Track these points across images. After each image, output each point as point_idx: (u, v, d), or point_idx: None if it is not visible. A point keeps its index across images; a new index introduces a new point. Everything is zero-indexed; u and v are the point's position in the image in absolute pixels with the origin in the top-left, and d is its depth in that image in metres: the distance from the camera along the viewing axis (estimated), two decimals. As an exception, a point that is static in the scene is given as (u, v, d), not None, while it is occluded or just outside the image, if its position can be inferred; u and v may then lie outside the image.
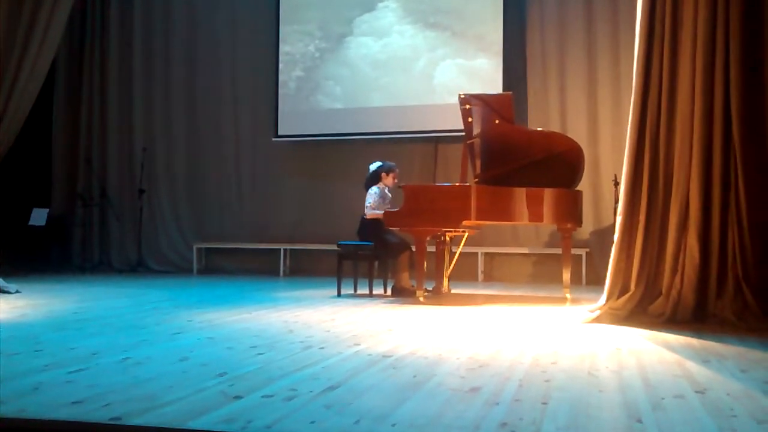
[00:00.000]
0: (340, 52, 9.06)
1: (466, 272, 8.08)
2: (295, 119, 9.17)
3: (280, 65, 9.22)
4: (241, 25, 9.54)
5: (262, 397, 2.54)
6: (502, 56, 8.32)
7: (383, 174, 6.56)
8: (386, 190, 6.58)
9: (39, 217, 9.31)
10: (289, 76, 9.21)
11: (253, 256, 9.28)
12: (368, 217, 6.40)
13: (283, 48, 9.22)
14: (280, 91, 9.20)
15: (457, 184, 6.31)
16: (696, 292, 4.50)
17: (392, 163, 6.68)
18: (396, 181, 6.63)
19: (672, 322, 4.45)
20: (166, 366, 3.08)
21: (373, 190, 6.48)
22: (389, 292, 6.49)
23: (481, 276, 8.30)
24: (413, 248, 6.16)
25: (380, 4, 8.91)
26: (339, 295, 6.32)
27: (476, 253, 8.24)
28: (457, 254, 6.82)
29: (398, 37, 8.84)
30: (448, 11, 8.63)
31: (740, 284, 4.46)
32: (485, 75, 8.37)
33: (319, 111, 9.11)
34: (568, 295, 5.91)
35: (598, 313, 4.64)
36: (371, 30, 8.93)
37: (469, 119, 6.27)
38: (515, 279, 8.27)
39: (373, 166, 6.63)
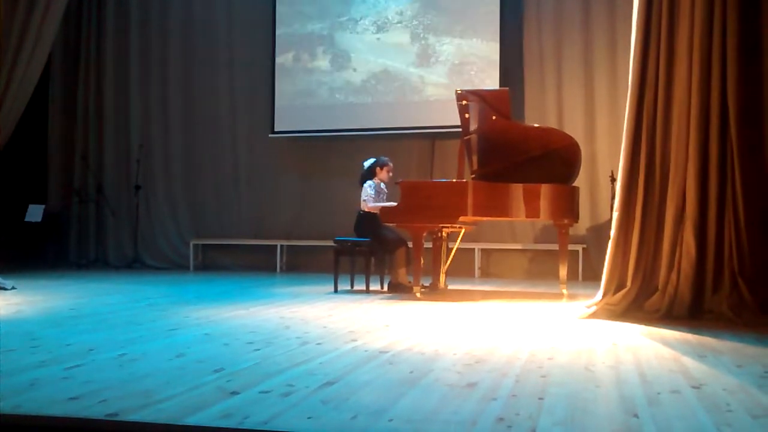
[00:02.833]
0: (337, 36, 9.02)
1: (462, 268, 8.09)
2: (291, 115, 9.15)
3: (277, 49, 9.18)
4: (237, 15, 9.50)
5: (259, 392, 2.53)
6: (498, 46, 8.31)
7: (378, 169, 6.56)
8: (381, 185, 6.58)
9: (35, 213, 9.29)
10: (285, 59, 9.17)
11: (249, 252, 9.27)
12: (367, 210, 6.38)
13: (279, 31, 9.17)
14: (277, 74, 9.16)
15: (454, 180, 6.31)
16: (692, 288, 4.51)
17: (385, 158, 6.68)
18: (390, 174, 6.64)
19: (668, 317, 4.46)
20: (163, 362, 3.08)
21: (368, 184, 6.48)
22: (386, 288, 6.49)
23: (477, 272, 8.31)
24: (410, 244, 6.17)
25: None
26: (336, 291, 6.31)
27: (473, 249, 8.24)
28: (453, 250, 6.82)
29: (396, 15, 8.80)
30: (447, -1, 8.63)
31: (736, 279, 4.47)
32: (482, 64, 8.37)
33: (315, 106, 9.09)
34: (564, 291, 5.92)
35: (594, 308, 4.65)
36: (369, 14, 8.91)
37: (466, 115, 6.26)
38: (512, 275, 8.28)
39: (366, 163, 6.64)
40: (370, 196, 6.41)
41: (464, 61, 8.49)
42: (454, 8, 8.57)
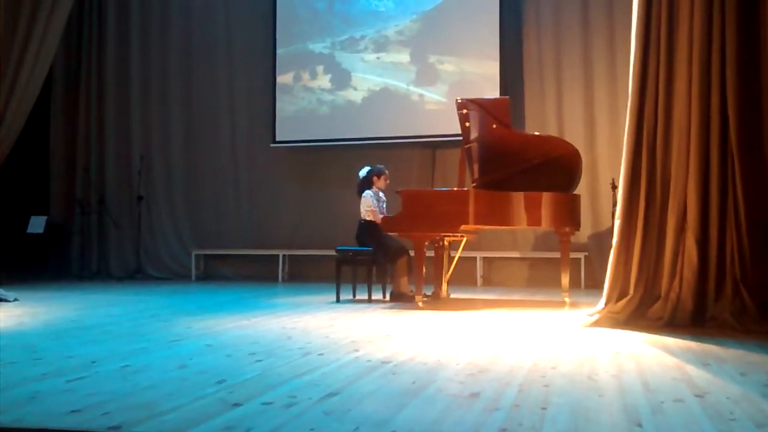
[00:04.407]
0: (337, 56, 9.06)
1: (464, 277, 8.08)
2: (292, 125, 9.17)
3: (278, 68, 9.22)
4: (237, 29, 9.55)
5: (262, 404, 2.53)
6: (499, 61, 8.32)
7: (374, 178, 6.56)
8: (380, 194, 6.58)
9: (37, 224, 9.31)
10: (286, 77, 9.21)
11: (251, 262, 9.27)
12: (375, 220, 6.34)
13: (280, 50, 9.21)
14: (278, 93, 9.20)
15: (455, 188, 6.31)
16: (694, 296, 4.50)
17: (381, 166, 6.69)
18: (387, 182, 6.64)
19: (671, 325, 4.45)
20: (165, 374, 3.08)
21: (368, 193, 6.48)
22: (388, 297, 6.48)
23: (479, 280, 8.30)
24: (412, 253, 6.16)
25: (377, 2, 8.92)
26: (338, 300, 6.31)
27: (475, 258, 8.23)
28: (455, 259, 6.82)
29: (395, 35, 8.84)
30: (446, 16, 8.64)
31: (738, 287, 4.46)
32: (482, 79, 8.37)
33: (316, 116, 9.12)
34: (567, 299, 5.91)
35: (597, 317, 4.64)
36: (369, 33, 8.94)
37: (467, 124, 6.28)
38: (514, 283, 8.27)
39: (362, 172, 6.65)
40: (374, 207, 6.40)
41: (464, 79, 8.46)
42: (454, 27, 8.57)
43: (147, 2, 9.87)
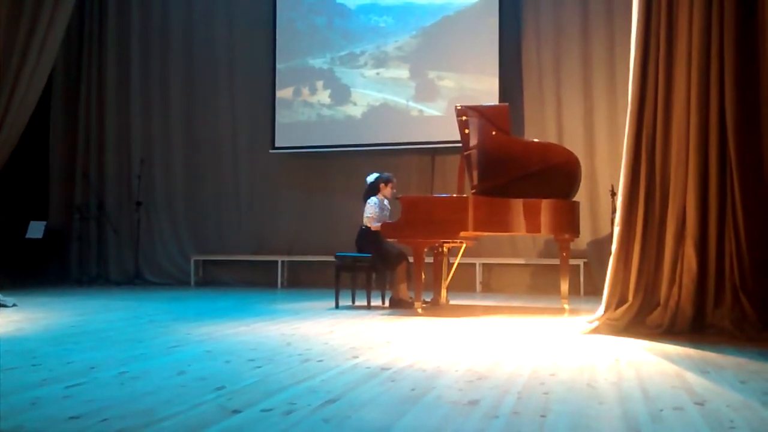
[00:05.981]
0: (337, 71, 9.08)
1: (464, 283, 8.09)
2: (292, 131, 9.19)
3: (277, 83, 9.24)
4: (238, 37, 9.58)
5: (261, 411, 2.53)
6: (498, 69, 8.34)
7: (382, 185, 6.57)
8: (385, 201, 6.58)
9: (36, 230, 9.31)
10: (286, 92, 9.23)
11: (251, 268, 9.27)
12: (372, 228, 6.36)
13: (280, 64, 9.24)
14: (278, 107, 9.22)
15: (455, 195, 6.32)
16: (694, 303, 4.50)
17: (389, 174, 6.69)
18: (394, 191, 6.65)
19: (670, 332, 4.45)
20: (164, 380, 3.08)
21: (372, 200, 6.48)
22: (387, 303, 6.48)
23: (479, 287, 8.30)
24: (411, 259, 6.16)
25: (377, 18, 8.95)
26: (337, 307, 6.31)
27: (474, 264, 8.24)
28: (455, 265, 6.82)
29: (395, 50, 8.87)
30: (445, 32, 8.66)
31: (738, 294, 4.46)
32: (482, 95, 8.35)
33: (316, 123, 9.13)
34: (566, 306, 5.91)
35: (596, 324, 4.64)
36: (369, 49, 8.96)
37: (466, 131, 6.29)
38: (513, 290, 8.27)
39: (370, 178, 6.65)
40: (375, 215, 6.40)
41: (464, 95, 8.41)
42: (453, 43, 8.58)
43: (148, 10, 9.90)
